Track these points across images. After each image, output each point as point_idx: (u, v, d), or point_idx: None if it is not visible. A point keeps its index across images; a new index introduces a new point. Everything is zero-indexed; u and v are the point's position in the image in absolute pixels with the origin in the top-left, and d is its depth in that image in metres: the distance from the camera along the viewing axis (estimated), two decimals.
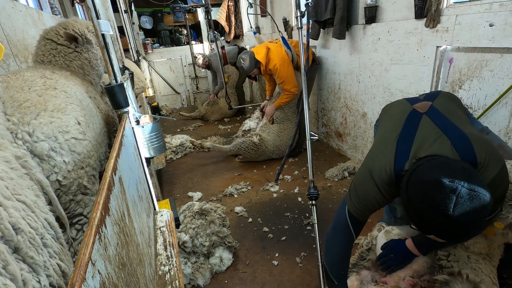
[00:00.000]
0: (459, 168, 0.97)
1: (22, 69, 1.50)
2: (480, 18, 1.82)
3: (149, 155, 1.83)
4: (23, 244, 0.63)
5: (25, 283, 0.59)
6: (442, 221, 0.94)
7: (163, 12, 7.29)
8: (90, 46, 1.65)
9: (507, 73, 1.76)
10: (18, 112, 1.04)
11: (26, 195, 0.74)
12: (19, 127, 0.99)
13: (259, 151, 3.47)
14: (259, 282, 1.90)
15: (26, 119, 1.03)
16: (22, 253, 0.63)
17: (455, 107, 1.36)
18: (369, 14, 2.65)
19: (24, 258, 0.63)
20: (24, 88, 1.16)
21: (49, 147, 1.05)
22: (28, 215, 0.70)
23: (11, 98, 1.08)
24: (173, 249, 1.47)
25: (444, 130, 1.16)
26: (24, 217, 0.67)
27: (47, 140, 1.06)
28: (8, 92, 1.11)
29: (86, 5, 1.27)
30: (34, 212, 0.72)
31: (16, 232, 0.63)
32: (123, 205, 0.95)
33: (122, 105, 1.44)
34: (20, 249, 0.62)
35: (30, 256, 0.64)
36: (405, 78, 2.49)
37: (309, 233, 2.28)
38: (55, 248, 0.74)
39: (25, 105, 1.08)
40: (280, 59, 3.26)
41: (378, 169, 1.20)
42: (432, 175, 0.97)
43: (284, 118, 3.63)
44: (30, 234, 0.66)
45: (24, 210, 0.69)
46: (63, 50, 1.56)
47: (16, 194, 0.70)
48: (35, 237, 0.68)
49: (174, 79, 7.09)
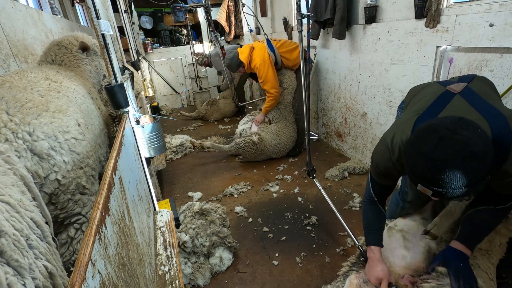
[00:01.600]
0: (456, 118, 0.99)
1: (25, 68, 1.55)
2: (480, 18, 1.82)
3: (149, 155, 1.84)
4: (7, 247, 0.62)
5: (10, 287, 0.58)
6: (424, 164, 0.97)
7: (163, 12, 7.28)
8: (96, 56, 1.98)
9: (507, 73, 1.76)
10: (20, 112, 1.06)
11: (11, 194, 0.72)
12: (20, 127, 1.01)
13: (259, 150, 3.48)
14: (259, 282, 1.90)
15: (27, 119, 1.05)
16: (6, 256, 0.61)
17: (490, 90, 1.33)
18: (369, 14, 2.65)
19: (9, 261, 0.62)
20: (27, 89, 1.19)
21: (48, 146, 1.06)
22: (12, 216, 0.68)
23: (14, 98, 1.10)
24: (173, 249, 1.48)
25: (478, 108, 1.13)
26: (7, 218, 0.66)
27: (47, 139, 1.07)
28: (11, 92, 1.12)
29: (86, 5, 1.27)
30: (18, 212, 0.71)
31: (0, 235, 0.62)
32: (123, 205, 0.95)
33: (122, 105, 1.44)
34: (4, 253, 0.61)
35: (14, 259, 0.63)
36: (405, 78, 2.49)
37: (309, 233, 2.28)
38: (41, 249, 0.73)
39: (27, 106, 1.10)
40: (261, 59, 3.35)
41: (394, 140, 1.24)
42: (428, 123, 1.02)
43: (280, 117, 3.63)
44: (14, 236, 0.65)
45: (8, 212, 0.68)
46: (77, 55, 1.84)
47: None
48: (20, 239, 0.67)
49: (174, 79, 7.08)
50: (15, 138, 0.98)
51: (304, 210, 2.58)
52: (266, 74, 3.35)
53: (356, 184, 2.90)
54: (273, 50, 3.39)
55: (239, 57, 3.50)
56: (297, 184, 3.02)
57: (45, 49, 1.86)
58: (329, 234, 2.26)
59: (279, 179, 3.16)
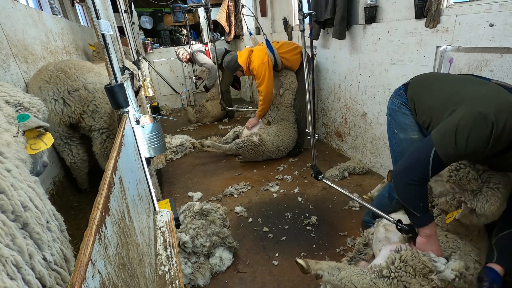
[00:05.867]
0: None
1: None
2: (480, 18, 1.82)
3: (149, 155, 1.83)
4: (31, 220, 0.69)
5: (31, 257, 0.64)
6: None
7: (163, 12, 7.29)
8: None
9: (507, 73, 1.76)
10: (79, 71, 2.19)
11: (37, 186, 0.82)
12: (79, 77, 2.17)
13: (259, 151, 3.48)
14: (259, 282, 1.90)
15: (84, 73, 2.22)
16: (29, 228, 0.68)
17: None
18: (369, 14, 2.65)
19: (31, 233, 0.68)
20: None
21: (93, 86, 2.20)
22: (36, 199, 0.77)
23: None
24: (173, 249, 1.47)
25: None
26: (32, 199, 0.75)
27: (93, 83, 2.22)
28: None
29: (86, 5, 1.27)
30: (42, 200, 0.80)
31: (25, 210, 0.69)
32: (123, 205, 0.95)
33: (122, 105, 1.44)
34: (27, 225, 0.68)
35: (36, 232, 0.69)
36: (405, 78, 2.49)
37: (309, 233, 2.28)
38: (58, 235, 0.80)
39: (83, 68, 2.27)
40: (260, 62, 3.35)
41: (500, 119, 1.10)
42: None
43: (280, 118, 3.63)
44: (36, 213, 0.73)
45: (33, 194, 0.76)
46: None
47: (27, 181, 0.78)
48: (41, 217, 0.74)
49: (174, 79, 7.08)
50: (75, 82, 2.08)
51: (304, 210, 2.58)
52: (263, 76, 3.35)
53: (356, 184, 2.90)
54: (272, 51, 3.39)
55: (237, 60, 3.50)
56: (297, 184, 3.02)
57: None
58: (329, 234, 2.26)
59: (279, 179, 3.16)
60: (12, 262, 0.57)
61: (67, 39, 3.33)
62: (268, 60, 3.35)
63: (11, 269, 0.56)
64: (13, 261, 0.57)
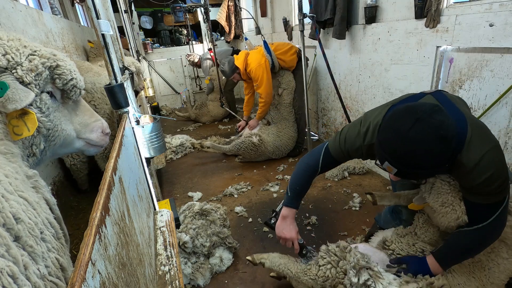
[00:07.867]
0: (432, 104, 1.09)
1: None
2: (480, 18, 1.82)
3: (149, 155, 1.84)
4: (23, 233, 0.66)
5: (26, 268, 0.62)
6: (398, 141, 1.06)
7: (163, 12, 7.29)
8: None
9: (507, 73, 1.76)
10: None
11: (29, 195, 0.77)
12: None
13: (259, 151, 3.47)
14: (259, 282, 1.90)
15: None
16: (22, 241, 0.66)
17: (462, 102, 1.39)
18: (369, 14, 2.65)
19: (24, 246, 0.66)
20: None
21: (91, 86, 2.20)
22: (29, 209, 0.74)
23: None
24: (173, 249, 1.47)
25: (443, 104, 1.20)
26: (24, 210, 0.71)
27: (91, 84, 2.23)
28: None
29: (86, 5, 1.27)
30: (35, 209, 0.76)
31: (17, 222, 0.66)
32: (123, 205, 0.95)
33: (122, 105, 1.44)
34: (20, 238, 0.65)
35: (29, 245, 0.67)
36: (405, 78, 2.49)
37: (309, 233, 2.28)
38: (54, 244, 0.77)
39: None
40: (257, 63, 3.33)
41: (368, 122, 1.35)
42: (406, 105, 1.12)
43: (280, 118, 3.63)
44: (29, 225, 0.70)
45: (25, 205, 0.73)
46: None
47: (18, 191, 0.74)
48: (34, 228, 0.71)
49: (174, 79, 7.08)
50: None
51: (304, 210, 2.58)
52: (261, 78, 3.34)
53: (356, 184, 2.90)
54: (269, 52, 3.39)
55: (235, 62, 3.49)
56: None
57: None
58: (329, 234, 2.26)
59: (279, 179, 3.16)
60: (8, 273, 0.55)
61: (67, 39, 3.33)
62: (266, 62, 3.34)
63: (7, 280, 0.54)
64: (8, 271, 0.56)
